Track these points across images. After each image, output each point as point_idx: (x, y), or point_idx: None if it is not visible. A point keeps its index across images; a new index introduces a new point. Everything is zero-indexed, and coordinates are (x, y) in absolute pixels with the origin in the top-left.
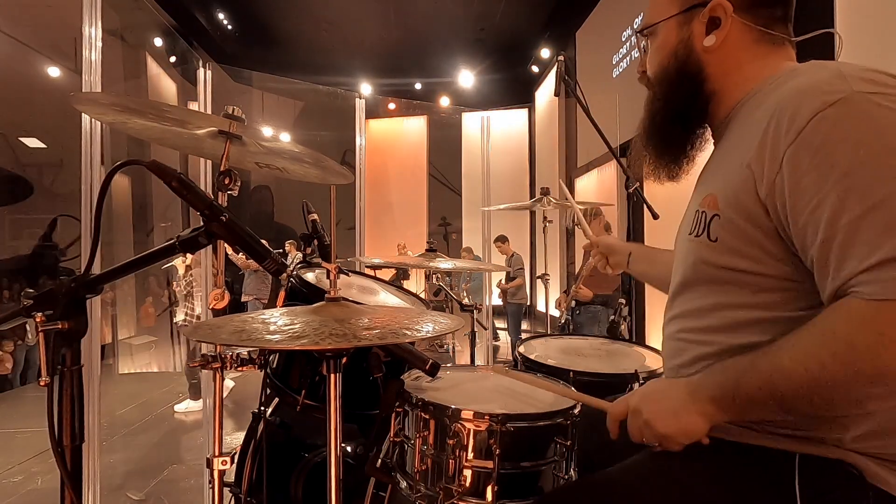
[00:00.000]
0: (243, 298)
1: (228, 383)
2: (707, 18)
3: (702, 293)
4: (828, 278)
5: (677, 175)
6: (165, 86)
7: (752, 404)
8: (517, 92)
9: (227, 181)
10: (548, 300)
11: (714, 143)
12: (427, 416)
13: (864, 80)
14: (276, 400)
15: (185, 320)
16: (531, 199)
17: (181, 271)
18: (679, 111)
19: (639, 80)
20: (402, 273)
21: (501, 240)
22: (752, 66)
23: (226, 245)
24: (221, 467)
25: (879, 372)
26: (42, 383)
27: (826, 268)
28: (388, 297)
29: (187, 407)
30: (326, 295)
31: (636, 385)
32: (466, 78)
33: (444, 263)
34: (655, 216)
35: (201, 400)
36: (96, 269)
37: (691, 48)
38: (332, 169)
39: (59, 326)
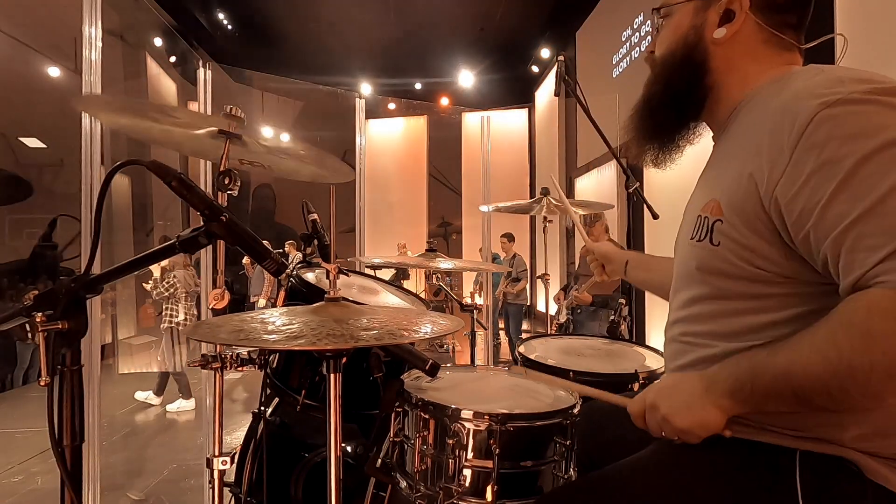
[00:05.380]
0: (252, 299)
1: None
2: (723, 10)
3: (703, 296)
4: (846, 274)
5: (662, 162)
6: (165, 86)
7: (769, 397)
8: (517, 92)
9: (226, 181)
10: (548, 300)
11: (714, 143)
12: (427, 416)
13: (860, 81)
14: (276, 400)
15: (184, 321)
16: (531, 198)
17: (156, 273)
18: (675, 98)
19: (645, 59)
20: (401, 273)
21: (508, 237)
22: (756, 67)
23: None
24: (221, 467)
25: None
26: (42, 383)
27: (843, 264)
28: (388, 297)
29: (179, 406)
30: (326, 295)
31: (636, 385)
32: (466, 78)
33: (444, 263)
34: (655, 216)
35: (193, 399)
36: (96, 269)
37: (701, 36)
38: (333, 167)
39: (59, 326)
